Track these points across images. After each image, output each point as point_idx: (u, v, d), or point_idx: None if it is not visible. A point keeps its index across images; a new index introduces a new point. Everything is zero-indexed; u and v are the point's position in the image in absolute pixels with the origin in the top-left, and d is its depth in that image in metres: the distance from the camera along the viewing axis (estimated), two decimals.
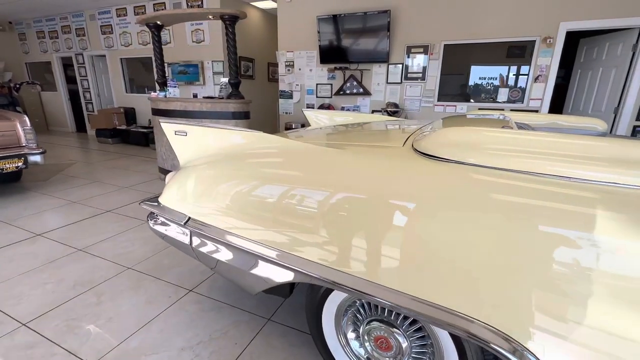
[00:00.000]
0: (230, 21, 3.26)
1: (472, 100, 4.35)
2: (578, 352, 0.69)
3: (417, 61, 4.41)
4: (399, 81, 4.56)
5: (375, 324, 1.10)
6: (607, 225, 0.67)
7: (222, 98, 3.52)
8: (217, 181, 1.25)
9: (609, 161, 0.74)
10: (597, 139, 0.82)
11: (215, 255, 1.30)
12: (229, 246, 1.24)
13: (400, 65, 4.50)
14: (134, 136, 6.61)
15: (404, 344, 1.05)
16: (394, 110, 4.48)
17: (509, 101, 4.14)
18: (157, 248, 2.30)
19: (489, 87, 4.27)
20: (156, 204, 1.51)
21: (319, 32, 4.66)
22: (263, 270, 1.17)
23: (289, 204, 1.07)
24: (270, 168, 1.15)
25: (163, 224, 1.51)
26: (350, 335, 1.20)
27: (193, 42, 5.90)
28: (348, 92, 4.87)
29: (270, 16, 6.66)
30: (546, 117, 1.92)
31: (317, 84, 5.08)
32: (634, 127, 3.64)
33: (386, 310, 1.07)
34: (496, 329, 0.76)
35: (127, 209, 3.04)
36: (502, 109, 4.12)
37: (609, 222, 0.67)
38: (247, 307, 1.70)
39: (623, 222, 0.66)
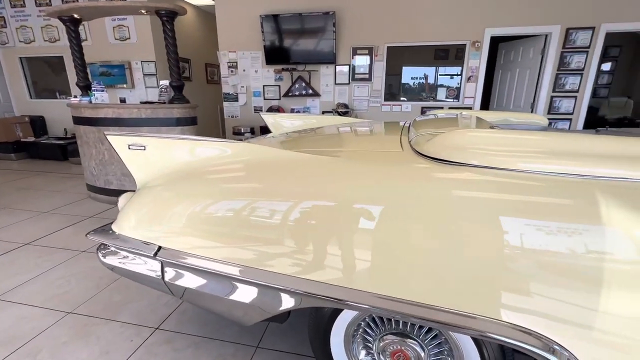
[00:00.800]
0: (168, 17, 2.92)
1: (414, 100, 4.63)
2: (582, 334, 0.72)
3: (363, 62, 4.52)
4: (347, 82, 4.64)
5: (389, 337, 1.05)
6: (614, 216, 0.70)
7: (164, 102, 3.15)
8: (198, 201, 1.07)
9: (602, 157, 0.80)
10: (583, 135, 0.87)
11: (199, 289, 1.11)
12: (218, 276, 1.07)
13: (347, 67, 4.57)
14: (47, 149, 5.60)
15: (422, 354, 1.02)
16: (344, 110, 4.53)
17: (447, 100, 4.49)
18: (102, 283, 1.94)
19: (427, 86, 4.58)
20: (110, 232, 1.25)
21: (263, 32, 4.49)
22: (264, 298, 1.03)
23: (292, 223, 0.95)
24: (266, 182, 1.02)
25: (120, 256, 1.26)
26: (363, 356, 1.13)
27: (116, 39, 5.22)
28: (297, 93, 4.79)
29: (206, 14, 6.24)
30: (497, 115, 2.10)
31: (263, 86, 4.90)
32: (549, 120, 4.24)
33: (400, 322, 1.03)
34: (522, 327, 0.76)
35: (53, 239, 2.52)
36: (442, 107, 4.46)
37: (617, 212, 0.71)
38: (229, 337, 1.52)
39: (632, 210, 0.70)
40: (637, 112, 5.95)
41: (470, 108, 4.39)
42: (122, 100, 5.23)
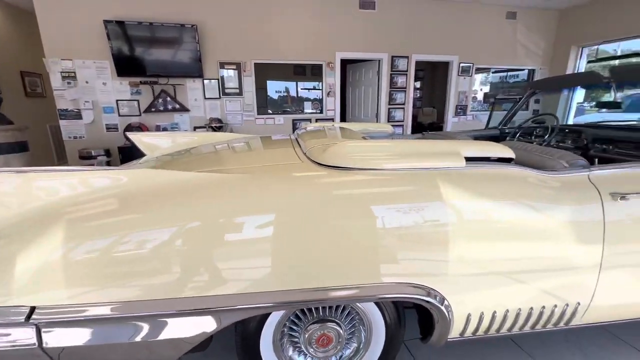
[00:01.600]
0: None
1: (286, 112, 4.98)
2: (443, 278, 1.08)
3: (232, 77, 4.56)
4: (218, 96, 4.56)
5: (312, 327, 1.19)
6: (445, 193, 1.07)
7: None
8: (74, 242, 0.92)
9: (430, 154, 1.17)
10: (424, 141, 1.25)
11: (92, 343, 0.95)
12: (119, 320, 0.95)
13: (216, 81, 4.50)
14: None
15: (341, 330, 1.20)
16: (218, 125, 4.44)
17: (313, 112, 5.04)
18: None
19: (289, 99, 5.02)
20: None
21: (109, 39, 3.90)
22: (179, 328, 0.98)
23: (203, 244, 0.95)
24: (165, 208, 0.97)
25: None
26: (292, 354, 1.23)
27: None
28: (162, 108, 4.38)
29: (19, 11, 4.88)
30: (360, 125, 2.56)
31: (117, 100, 4.24)
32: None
33: (320, 309, 1.18)
34: (410, 283, 1.05)
35: None
36: (310, 119, 4.97)
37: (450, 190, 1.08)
38: None
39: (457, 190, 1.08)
40: (440, 118, 8.18)
41: (332, 119, 5.07)
42: None
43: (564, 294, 1.19)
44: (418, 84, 8.27)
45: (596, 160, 1.95)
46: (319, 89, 4.98)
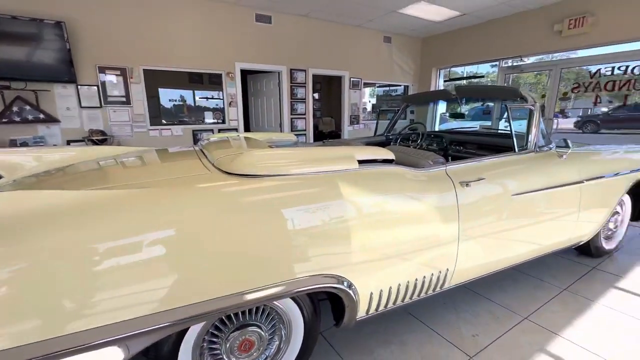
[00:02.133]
0: None
1: (184, 123, 4.67)
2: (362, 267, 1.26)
3: (116, 84, 4.04)
4: (99, 105, 3.97)
5: (232, 335, 1.20)
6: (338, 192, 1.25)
7: None
8: None
9: (330, 159, 1.35)
10: (319, 148, 1.42)
11: None
12: None
13: (95, 87, 3.92)
14: None
15: (262, 332, 1.25)
16: (101, 138, 3.87)
17: (214, 122, 4.87)
18: None
19: (185, 108, 4.77)
20: None
21: None
22: None
23: (105, 266, 0.88)
24: (38, 235, 0.87)
25: None
26: None
27: None
28: (18, 119, 3.56)
29: None
30: (264, 135, 2.63)
31: None
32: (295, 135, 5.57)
33: (239, 315, 1.20)
34: (324, 274, 1.18)
35: None
36: (212, 130, 4.79)
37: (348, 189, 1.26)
38: None
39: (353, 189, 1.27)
40: (338, 127, 8.90)
41: (236, 129, 5.00)
42: None
43: (437, 264, 1.51)
44: (316, 95, 8.84)
45: (450, 158, 2.50)
46: (219, 98, 4.85)
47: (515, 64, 5.53)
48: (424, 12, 5.02)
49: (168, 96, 5.18)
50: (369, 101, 6.74)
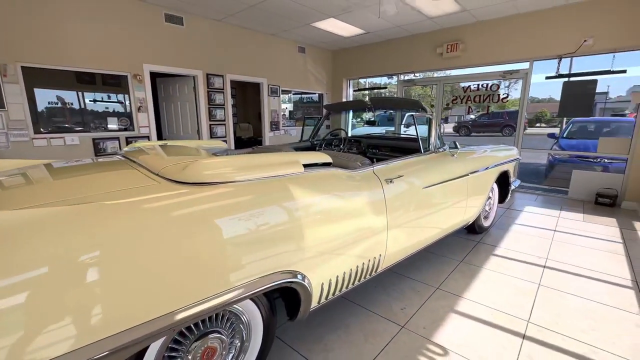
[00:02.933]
0: None
1: (83, 130, 4.04)
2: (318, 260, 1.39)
3: None
4: None
5: (194, 345, 1.19)
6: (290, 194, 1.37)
7: None
8: None
9: (264, 165, 1.45)
10: (259, 155, 1.50)
11: None
12: None
13: None
14: None
15: (224, 337, 1.26)
16: None
17: (120, 130, 4.35)
18: None
19: (88, 115, 4.18)
20: None
21: None
22: None
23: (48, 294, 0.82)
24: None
25: None
26: None
27: None
28: None
29: None
30: (193, 143, 2.53)
31: None
32: None
33: (200, 325, 1.20)
34: (280, 270, 1.27)
35: None
36: (117, 137, 4.27)
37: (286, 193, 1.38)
38: None
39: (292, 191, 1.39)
40: (257, 132, 8.85)
41: (147, 137, 4.56)
42: None
43: (372, 251, 1.75)
44: (232, 101, 8.63)
45: (374, 159, 2.85)
46: (121, 102, 4.35)
47: (408, 78, 6.48)
48: (333, 27, 5.47)
49: (54, 99, 4.39)
50: (286, 108, 6.94)
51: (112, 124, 4.28)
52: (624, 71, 4.26)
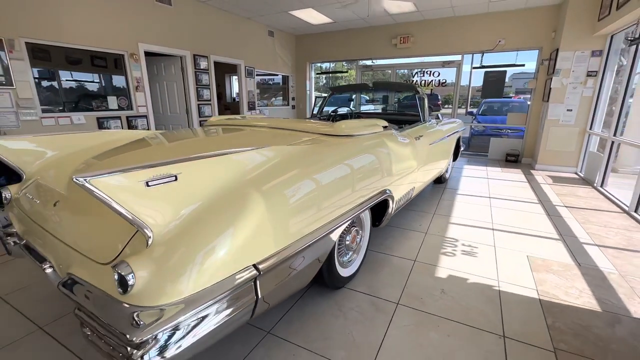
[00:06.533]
0: None
1: (84, 109, 4.02)
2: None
3: None
4: None
5: (351, 230, 1.99)
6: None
7: None
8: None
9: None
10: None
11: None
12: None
13: None
14: None
15: (359, 229, 2.08)
16: None
17: (120, 109, 4.40)
18: None
19: (91, 94, 4.16)
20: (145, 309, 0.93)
21: None
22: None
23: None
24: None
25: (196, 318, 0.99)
26: None
27: None
28: None
29: None
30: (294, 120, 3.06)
31: None
32: (200, 121, 5.60)
33: (350, 223, 2.00)
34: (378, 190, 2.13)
35: None
36: (119, 117, 4.34)
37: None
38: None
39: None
40: (234, 112, 8.94)
41: (145, 116, 4.67)
42: None
43: (412, 182, 2.70)
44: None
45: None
46: (114, 83, 4.38)
47: (367, 64, 7.51)
48: (306, 16, 6.09)
49: (62, 77, 4.19)
50: (258, 89, 7.34)
51: (112, 104, 4.31)
52: (523, 65, 5.98)
